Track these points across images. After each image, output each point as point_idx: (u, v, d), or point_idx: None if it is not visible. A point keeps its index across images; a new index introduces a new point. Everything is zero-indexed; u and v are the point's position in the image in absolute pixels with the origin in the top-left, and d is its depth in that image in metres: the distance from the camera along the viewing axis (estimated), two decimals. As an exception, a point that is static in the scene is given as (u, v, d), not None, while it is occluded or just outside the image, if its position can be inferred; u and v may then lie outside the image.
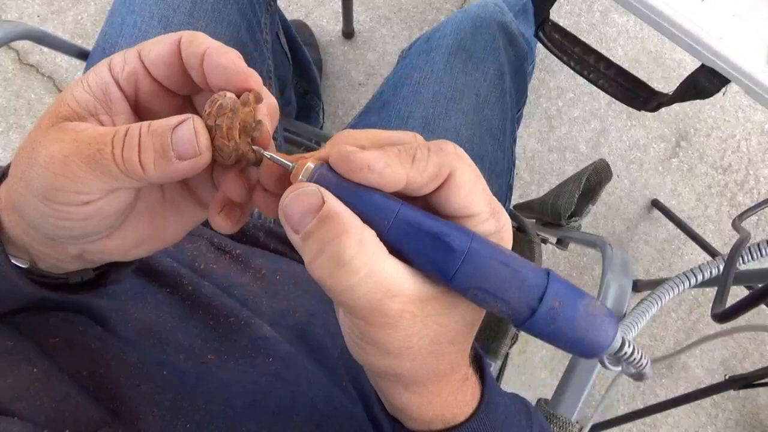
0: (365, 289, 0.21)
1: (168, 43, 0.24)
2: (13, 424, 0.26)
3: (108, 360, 0.32)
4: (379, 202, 0.22)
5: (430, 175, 0.22)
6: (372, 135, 0.24)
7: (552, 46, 0.59)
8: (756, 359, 1.25)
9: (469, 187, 0.22)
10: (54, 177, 0.23)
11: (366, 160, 0.21)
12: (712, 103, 1.31)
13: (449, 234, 0.22)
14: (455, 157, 0.22)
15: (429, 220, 0.22)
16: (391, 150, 0.22)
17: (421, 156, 0.22)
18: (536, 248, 0.72)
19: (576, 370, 0.50)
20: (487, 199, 0.23)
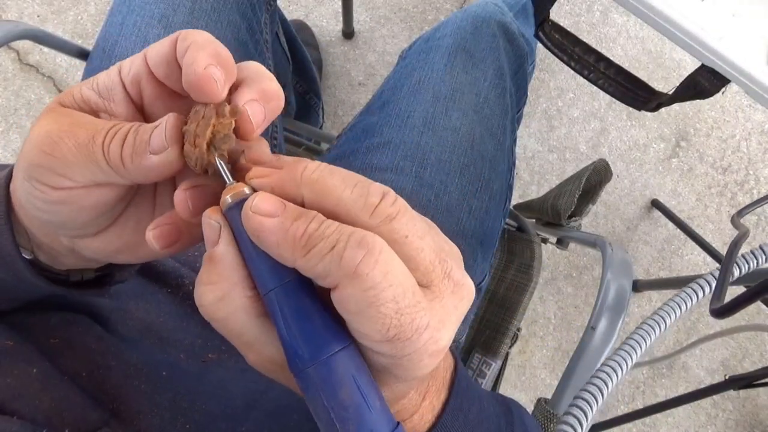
0: (223, 331, 0.22)
1: (168, 41, 0.24)
2: (12, 423, 0.26)
3: (108, 360, 0.32)
4: (270, 266, 0.21)
5: (317, 274, 0.20)
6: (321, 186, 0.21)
7: (552, 46, 0.59)
8: (756, 359, 1.25)
9: (355, 308, 0.19)
10: (41, 155, 0.23)
11: (260, 227, 0.20)
12: (712, 103, 1.31)
13: (308, 338, 0.20)
14: (348, 273, 0.19)
15: (306, 311, 0.21)
16: (296, 228, 0.20)
17: (317, 252, 0.19)
18: (536, 248, 0.72)
19: (576, 370, 0.50)
20: (380, 326, 0.19)
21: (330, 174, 0.21)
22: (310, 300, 0.21)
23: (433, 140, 0.54)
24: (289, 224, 0.20)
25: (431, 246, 0.21)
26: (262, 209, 0.20)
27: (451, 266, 0.22)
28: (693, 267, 1.27)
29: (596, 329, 0.52)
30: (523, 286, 0.71)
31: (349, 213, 0.20)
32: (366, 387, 0.20)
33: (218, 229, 0.22)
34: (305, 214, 0.20)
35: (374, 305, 0.19)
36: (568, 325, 1.23)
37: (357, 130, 0.60)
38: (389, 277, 0.19)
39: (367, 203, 0.20)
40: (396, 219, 0.20)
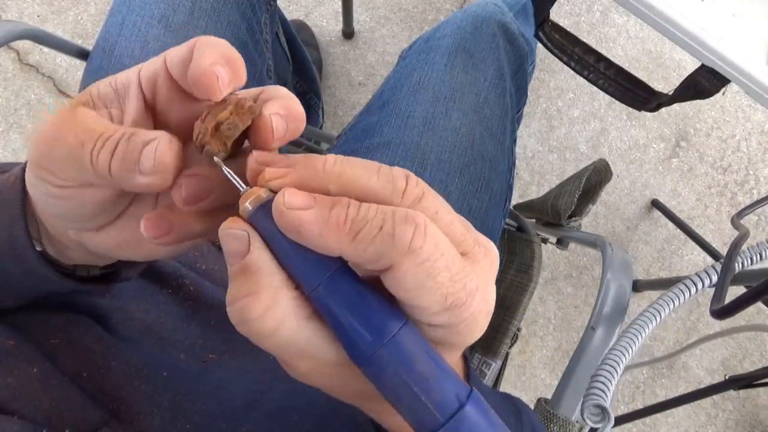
0: (271, 345, 0.21)
1: (187, 45, 0.24)
2: (12, 423, 0.26)
3: (108, 361, 0.32)
4: (311, 262, 0.20)
5: (367, 259, 0.19)
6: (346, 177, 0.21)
7: (552, 46, 0.59)
8: (756, 359, 1.25)
9: (413, 284, 0.19)
10: (39, 154, 0.23)
11: (298, 222, 0.19)
12: (712, 103, 1.31)
13: (368, 322, 0.20)
14: (403, 251, 0.19)
15: (358, 297, 0.20)
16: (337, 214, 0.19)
17: (365, 236, 0.19)
18: (536, 248, 0.72)
19: (576, 370, 0.50)
20: (439, 296, 0.20)
21: (351, 165, 0.21)
22: (359, 285, 0.21)
23: (433, 140, 0.54)
24: (328, 213, 0.19)
25: (458, 218, 0.22)
26: (296, 203, 0.20)
27: (476, 234, 0.22)
28: (693, 267, 1.27)
29: (596, 329, 0.52)
30: (523, 286, 0.71)
31: (380, 198, 0.20)
32: (436, 355, 0.21)
33: (246, 237, 0.21)
34: (339, 201, 0.20)
35: (431, 276, 0.19)
36: (568, 325, 1.23)
37: (357, 130, 0.60)
38: (440, 247, 0.19)
39: (396, 187, 0.20)
40: (424, 198, 0.21)
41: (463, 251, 0.21)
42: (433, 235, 0.19)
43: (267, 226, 0.21)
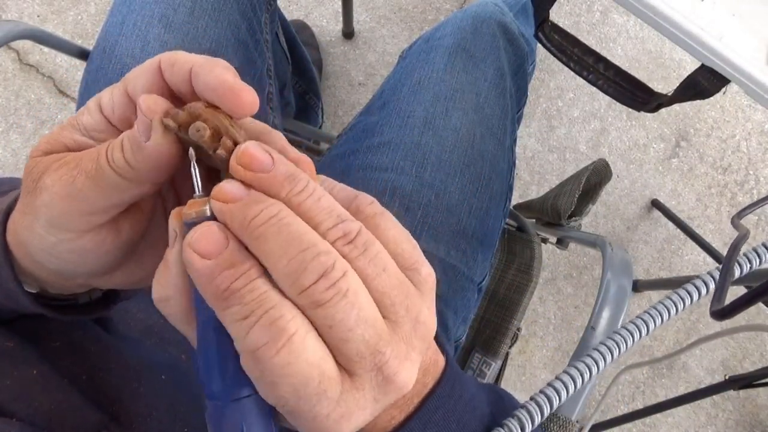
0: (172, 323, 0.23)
1: (150, 72, 0.23)
2: (11, 425, 0.26)
3: (107, 363, 0.32)
4: (198, 296, 0.21)
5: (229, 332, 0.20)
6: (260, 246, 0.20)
7: (551, 47, 0.59)
8: (756, 359, 1.25)
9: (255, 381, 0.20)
10: (61, 200, 0.23)
11: (190, 263, 0.20)
12: (712, 103, 1.31)
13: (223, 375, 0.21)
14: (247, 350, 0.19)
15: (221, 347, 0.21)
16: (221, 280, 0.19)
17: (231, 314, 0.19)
18: (536, 248, 0.72)
19: (576, 370, 0.50)
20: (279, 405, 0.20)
21: (277, 232, 0.20)
22: (231, 343, 0.20)
23: (434, 140, 0.54)
24: (218, 272, 0.19)
25: (364, 337, 0.20)
26: (198, 248, 0.20)
27: (389, 358, 0.20)
28: (693, 267, 1.27)
29: (596, 329, 0.52)
30: (523, 286, 0.71)
31: (280, 284, 0.20)
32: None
33: (174, 237, 0.22)
34: (239, 264, 0.20)
35: (271, 390, 0.19)
36: (568, 325, 1.23)
37: (357, 130, 0.60)
38: (289, 369, 0.19)
39: (297, 282, 0.19)
40: (324, 306, 0.19)
41: (349, 370, 0.20)
42: (288, 353, 0.19)
43: None
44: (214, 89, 0.22)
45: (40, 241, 0.24)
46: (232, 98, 0.22)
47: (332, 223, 0.21)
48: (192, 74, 0.22)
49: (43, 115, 1.19)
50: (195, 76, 0.22)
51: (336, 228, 0.20)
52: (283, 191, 0.21)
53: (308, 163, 0.23)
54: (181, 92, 0.23)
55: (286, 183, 0.21)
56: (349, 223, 0.21)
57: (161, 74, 0.23)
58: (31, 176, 0.24)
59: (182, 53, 0.23)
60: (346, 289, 0.19)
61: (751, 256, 0.38)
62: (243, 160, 0.21)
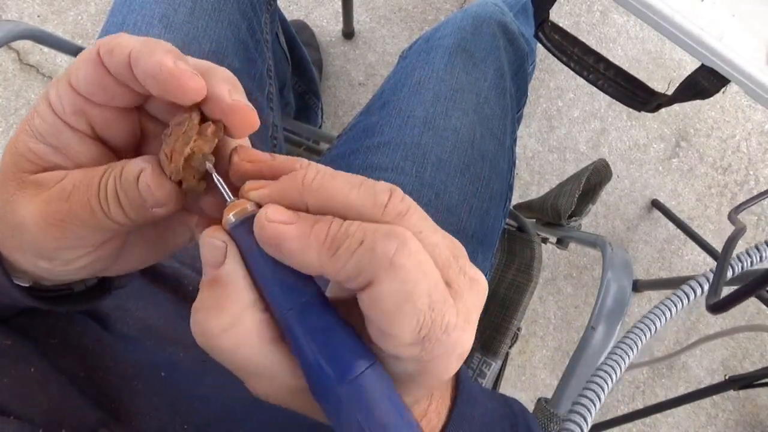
0: (228, 363, 0.20)
1: (90, 62, 0.21)
2: (9, 423, 0.26)
3: (106, 361, 0.32)
4: (286, 284, 0.20)
5: (348, 274, 0.18)
6: (326, 192, 0.20)
7: (551, 47, 0.59)
8: (756, 359, 1.25)
9: (391, 305, 0.18)
10: (55, 240, 0.22)
11: (278, 237, 0.19)
12: (712, 103, 1.31)
13: (333, 358, 0.19)
14: (384, 265, 0.18)
15: (328, 329, 0.20)
16: (318, 230, 0.19)
17: (346, 250, 0.18)
18: (536, 248, 0.72)
19: (576, 370, 0.50)
20: (415, 323, 0.18)
21: (332, 177, 0.20)
22: (332, 317, 0.20)
23: (434, 140, 0.54)
24: (310, 229, 0.19)
25: (444, 242, 0.20)
26: (277, 218, 0.19)
27: (464, 261, 0.21)
28: (693, 267, 1.27)
29: (596, 329, 0.52)
30: (523, 286, 0.71)
31: (360, 214, 0.19)
32: (399, 402, 0.19)
33: (223, 248, 0.20)
34: (321, 218, 0.19)
35: (410, 299, 0.18)
36: (568, 325, 1.23)
37: (357, 130, 0.60)
38: (424, 268, 0.18)
39: (377, 201, 0.19)
40: (407, 215, 0.19)
41: (446, 280, 0.20)
42: (417, 253, 0.18)
43: (247, 240, 0.20)
44: (154, 76, 0.20)
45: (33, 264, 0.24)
46: (175, 85, 0.20)
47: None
48: (131, 61, 0.21)
49: (43, 115, 1.19)
50: (135, 63, 0.21)
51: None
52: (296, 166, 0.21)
53: None
54: (126, 80, 0.22)
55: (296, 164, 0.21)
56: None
57: (102, 65, 0.21)
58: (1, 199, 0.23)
59: (122, 36, 0.21)
60: (413, 202, 0.20)
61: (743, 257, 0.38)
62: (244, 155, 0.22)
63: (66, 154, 0.23)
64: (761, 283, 0.30)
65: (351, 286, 0.19)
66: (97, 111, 0.23)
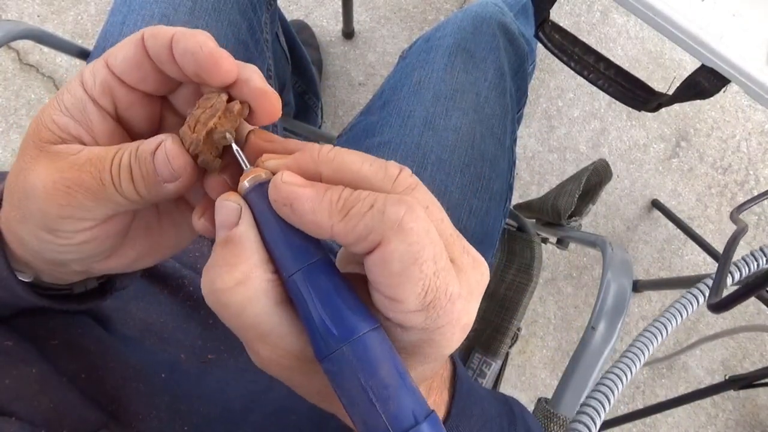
0: (235, 322, 0.21)
1: (132, 43, 0.23)
2: (10, 424, 0.26)
3: (107, 362, 0.32)
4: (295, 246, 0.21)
5: (357, 236, 0.19)
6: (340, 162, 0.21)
7: (552, 47, 0.59)
8: (756, 359, 1.25)
9: (398, 267, 0.19)
10: (59, 208, 0.23)
11: (292, 197, 0.20)
12: (712, 103, 1.31)
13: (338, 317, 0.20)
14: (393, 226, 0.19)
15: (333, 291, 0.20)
16: (331, 194, 0.20)
17: (356, 212, 0.19)
18: (536, 248, 0.72)
19: (576, 370, 0.50)
20: (420, 288, 0.19)
21: (347, 152, 0.21)
22: (338, 280, 0.20)
23: (434, 140, 0.54)
24: (323, 191, 0.20)
25: (449, 221, 0.21)
26: (293, 180, 0.20)
27: (466, 243, 0.22)
28: (693, 267, 1.27)
29: (596, 329, 0.52)
30: (523, 286, 0.71)
31: (372, 185, 0.20)
32: (401, 367, 0.20)
33: (238, 210, 0.21)
34: (334, 186, 0.20)
35: (417, 262, 0.19)
36: (568, 325, 1.23)
37: (357, 129, 0.60)
38: (431, 234, 0.19)
39: (388, 174, 0.20)
40: (417, 190, 0.21)
41: (450, 254, 0.20)
42: (424, 219, 0.19)
43: (260, 205, 0.21)
44: (193, 53, 0.22)
45: (37, 237, 0.24)
46: (211, 63, 0.22)
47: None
48: (173, 41, 0.22)
49: (43, 115, 1.19)
50: (176, 43, 0.22)
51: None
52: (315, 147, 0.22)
53: None
54: (162, 62, 0.23)
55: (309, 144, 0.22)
56: None
57: (143, 47, 0.23)
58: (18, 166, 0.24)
59: (164, 27, 0.23)
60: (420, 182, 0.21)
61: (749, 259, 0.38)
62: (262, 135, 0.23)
63: (87, 129, 0.24)
64: (762, 283, 0.30)
65: (359, 248, 0.20)
66: (124, 92, 0.24)
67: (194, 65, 0.22)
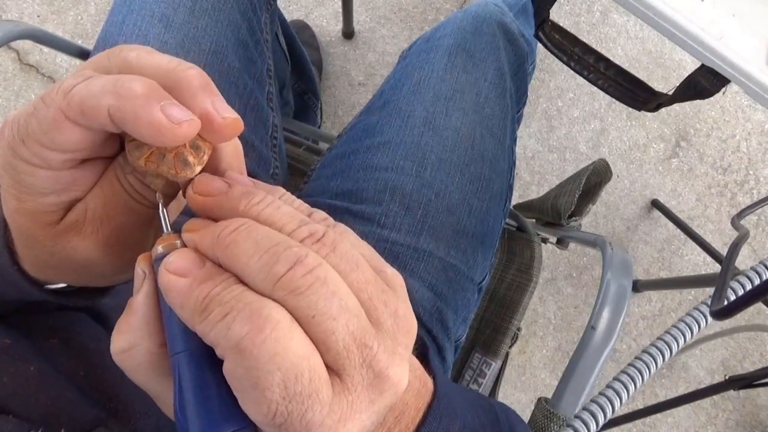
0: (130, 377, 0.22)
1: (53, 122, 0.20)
2: (8, 421, 0.26)
3: (105, 360, 0.32)
4: (180, 328, 0.20)
5: (210, 342, 0.19)
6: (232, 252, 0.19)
7: (552, 47, 0.59)
8: (756, 359, 1.25)
9: (237, 385, 0.18)
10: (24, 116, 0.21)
11: (167, 285, 0.20)
12: (712, 103, 1.31)
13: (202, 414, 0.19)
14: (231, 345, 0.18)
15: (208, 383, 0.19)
16: (200, 291, 0.19)
17: (212, 319, 0.18)
18: (536, 248, 0.72)
19: (576, 370, 0.50)
20: (265, 410, 0.17)
21: (246, 236, 0.19)
22: (212, 373, 0.19)
23: (434, 140, 0.54)
24: (197, 285, 0.19)
25: (349, 327, 0.19)
26: (175, 267, 0.20)
27: (377, 352, 0.19)
28: (693, 267, 1.27)
29: (596, 329, 0.51)
30: (523, 286, 0.71)
31: (254, 283, 0.19)
32: None
33: (141, 278, 0.21)
34: (216, 276, 0.19)
35: (257, 387, 0.17)
36: (568, 325, 1.23)
37: (357, 129, 0.60)
38: (278, 360, 0.17)
39: (272, 273, 0.18)
40: (304, 294, 0.18)
41: (337, 369, 0.19)
42: (275, 342, 0.17)
43: None
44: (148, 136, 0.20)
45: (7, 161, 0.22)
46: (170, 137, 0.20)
47: (296, 225, 0.21)
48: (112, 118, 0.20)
49: (43, 114, 1.19)
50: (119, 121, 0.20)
51: (301, 229, 0.20)
52: (241, 205, 0.21)
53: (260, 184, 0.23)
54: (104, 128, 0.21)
55: (243, 198, 0.21)
56: (313, 224, 0.21)
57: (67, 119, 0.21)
58: None
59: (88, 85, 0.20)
60: (324, 276, 0.19)
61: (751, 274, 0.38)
62: (198, 188, 0.22)
63: None
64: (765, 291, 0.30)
65: (217, 353, 0.19)
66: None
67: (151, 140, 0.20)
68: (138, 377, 0.21)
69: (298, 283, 0.18)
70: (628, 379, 0.33)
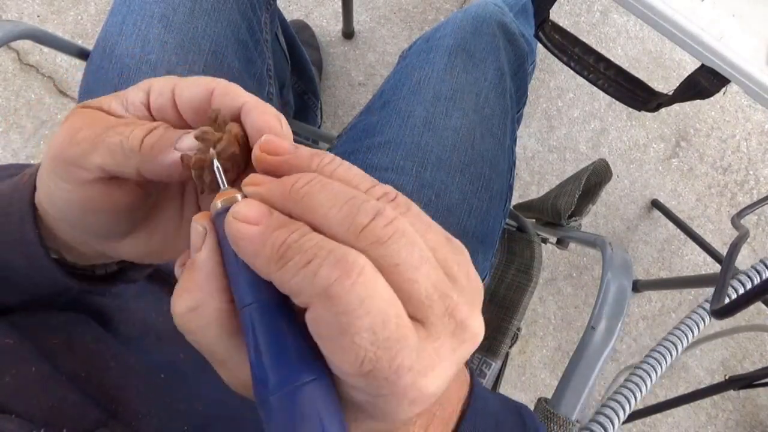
0: (196, 347, 0.21)
1: (201, 89, 0.24)
2: (10, 422, 0.26)
3: (107, 361, 0.32)
4: (250, 280, 0.20)
5: (289, 291, 0.18)
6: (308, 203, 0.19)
7: (552, 47, 0.59)
8: (756, 359, 1.25)
9: (325, 334, 0.18)
10: (61, 147, 0.24)
11: (239, 234, 0.19)
12: (712, 103, 1.31)
13: (277, 363, 0.18)
14: (318, 292, 0.17)
15: (281, 333, 0.19)
16: (276, 237, 0.18)
17: (292, 266, 0.18)
18: (536, 248, 0.72)
19: (576, 370, 0.50)
20: (353, 357, 0.17)
21: (321, 188, 0.19)
22: (286, 322, 0.19)
23: (434, 140, 0.54)
24: (270, 233, 0.19)
25: (431, 277, 0.19)
26: (244, 216, 0.19)
27: (458, 303, 0.19)
28: (693, 267, 1.27)
29: (596, 329, 0.52)
30: (523, 286, 0.71)
31: (335, 233, 0.19)
32: (337, 424, 0.18)
33: (203, 234, 0.21)
34: (290, 224, 0.19)
35: (347, 333, 0.17)
36: (568, 325, 1.23)
37: (357, 129, 0.60)
38: (366, 304, 0.17)
39: (354, 223, 0.18)
40: (386, 243, 0.18)
41: (420, 318, 0.18)
42: (363, 287, 0.17)
43: (224, 230, 0.20)
44: (259, 130, 0.23)
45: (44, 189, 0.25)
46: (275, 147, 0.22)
47: (370, 184, 0.20)
48: (243, 110, 0.23)
49: (43, 115, 1.19)
50: (246, 113, 0.23)
51: (375, 188, 0.20)
52: (314, 164, 0.21)
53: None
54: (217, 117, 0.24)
55: (315, 157, 0.21)
56: (385, 185, 0.21)
57: (211, 96, 0.24)
58: None
59: (237, 87, 0.24)
60: (404, 228, 0.19)
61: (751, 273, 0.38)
62: (267, 147, 0.22)
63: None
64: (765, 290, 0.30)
65: (295, 302, 0.18)
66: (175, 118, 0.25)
67: (255, 138, 0.23)
68: (205, 338, 0.20)
69: (381, 233, 0.18)
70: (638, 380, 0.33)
